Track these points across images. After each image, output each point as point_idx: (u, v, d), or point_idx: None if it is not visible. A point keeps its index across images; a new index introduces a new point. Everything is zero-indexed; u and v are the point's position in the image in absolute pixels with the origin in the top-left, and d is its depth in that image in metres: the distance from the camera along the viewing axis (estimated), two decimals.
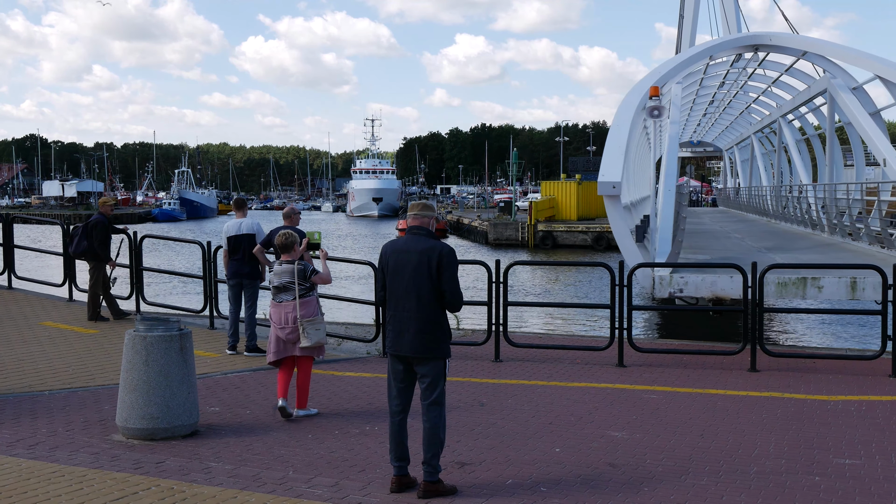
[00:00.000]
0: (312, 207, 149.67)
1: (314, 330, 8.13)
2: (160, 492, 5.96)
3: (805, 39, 25.27)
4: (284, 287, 8.18)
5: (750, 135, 42.29)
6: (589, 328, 21.78)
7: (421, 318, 5.88)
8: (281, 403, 8.07)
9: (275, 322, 8.21)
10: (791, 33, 27.36)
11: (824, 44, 24.53)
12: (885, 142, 19.82)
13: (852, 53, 22.50)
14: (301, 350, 8.18)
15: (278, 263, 8.30)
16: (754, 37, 24.42)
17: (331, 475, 6.38)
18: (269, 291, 8.52)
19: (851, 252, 17.81)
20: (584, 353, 11.76)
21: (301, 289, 8.17)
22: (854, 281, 12.22)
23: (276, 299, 8.24)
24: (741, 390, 9.46)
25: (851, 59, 21.90)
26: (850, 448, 7.16)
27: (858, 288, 12.18)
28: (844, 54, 22.57)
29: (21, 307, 14.29)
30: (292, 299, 8.14)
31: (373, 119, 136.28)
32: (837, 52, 22.74)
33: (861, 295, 12.22)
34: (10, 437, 7.33)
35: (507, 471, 6.51)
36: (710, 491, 6.05)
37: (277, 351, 8.24)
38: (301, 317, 8.10)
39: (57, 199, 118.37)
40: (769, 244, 20.60)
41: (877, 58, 20.94)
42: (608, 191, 13.54)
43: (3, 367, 10.04)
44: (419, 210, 6.06)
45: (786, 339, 20.29)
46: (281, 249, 8.30)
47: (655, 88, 13.88)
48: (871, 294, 12.11)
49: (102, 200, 14.04)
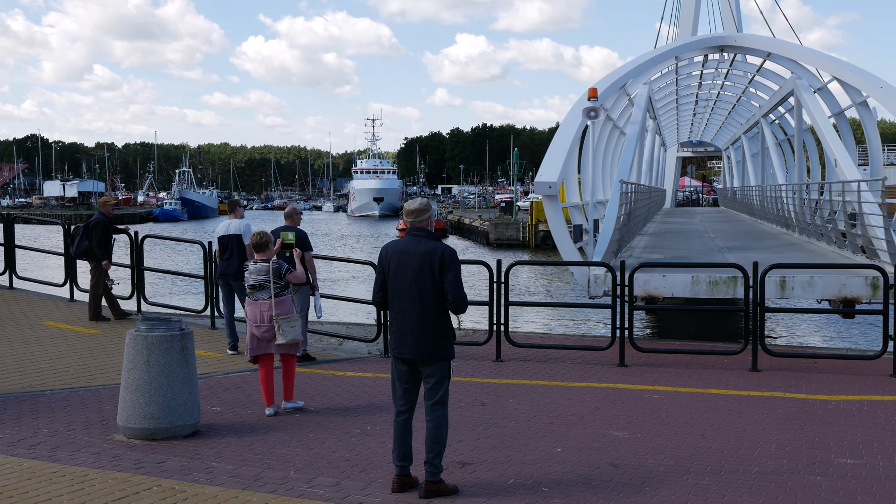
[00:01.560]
0: (313, 207, 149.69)
1: (290, 327, 8.29)
2: (161, 492, 5.96)
3: (769, 41, 25.31)
4: (260, 286, 8.32)
5: (740, 135, 42.43)
6: (590, 328, 21.78)
7: (424, 320, 5.87)
8: (269, 412, 8.25)
9: (251, 320, 8.35)
10: (756, 34, 27.34)
11: (786, 45, 24.79)
12: (838, 144, 19.96)
13: (811, 54, 22.68)
14: (277, 347, 8.33)
15: (253, 262, 8.44)
16: (719, 38, 24.46)
17: (332, 475, 6.37)
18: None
19: (807, 252, 18.00)
20: (585, 353, 11.76)
21: (276, 287, 8.32)
22: (783, 280, 12.47)
23: (251, 297, 8.37)
24: (742, 390, 9.45)
25: (811, 61, 22.03)
26: (852, 448, 7.15)
27: (788, 287, 12.49)
28: (805, 55, 22.71)
29: (22, 307, 14.29)
30: (268, 298, 8.29)
31: (374, 119, 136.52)
32: (799, 54, 22.90)
33: (790, 294, 12.55)
34: (12, 436, 7.33)
35: (508, 470, 6.51)
36: (712, 491, 6.05)
37: (254, 348, 8.38)
38: (277, 315, 8.25)
39: (58, 200, 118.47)
40: (734, 244, 20.70)
41: (834, 59, 21.14)
42: (544, 191, 13.93)
43: (4, 367, 10.05)
44: (417, 211, 6.03)
45: (778, 336, 20.28)
46: (255, 249, 8.44)
47: (593, 90, 14.28)
48: (799, 293, 12.46)
49: (103, 200, 14.01)
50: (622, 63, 27.05)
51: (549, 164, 14.79)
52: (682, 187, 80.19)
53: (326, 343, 12.84)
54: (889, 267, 10.56)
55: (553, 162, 14.83)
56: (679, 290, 12.71)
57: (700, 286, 12.54)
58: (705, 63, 28.31)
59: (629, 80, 21.22)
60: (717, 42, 24.06)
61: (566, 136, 15.64)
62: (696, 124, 48.86)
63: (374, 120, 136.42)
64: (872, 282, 11.94)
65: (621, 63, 28.12)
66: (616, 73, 20.50)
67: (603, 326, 21.16)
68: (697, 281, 12.55)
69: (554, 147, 15.44)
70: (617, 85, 20.17)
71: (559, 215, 14.35)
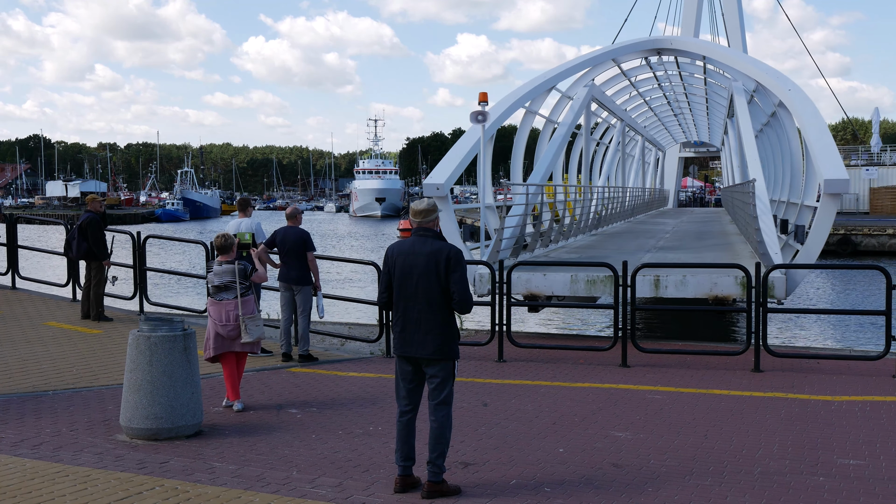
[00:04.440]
0: (315, 208, 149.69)
1: (255, 326, 8.54)
2: (164, 492, 5.96)
3: (703, 44, 25.46)
4: (225, 286, 8.53)
5: (722, 135, 42.63)
6: (592, 328, 21.77)
7: (429, 320, 5.88)
8: (236, 406, 8.40)
9: (215, 319, 8.49)
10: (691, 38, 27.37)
11: (716, 48, 25.11)
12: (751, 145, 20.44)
13: (739, 59, 22.83)
14: (241, 346, 8.52)
15: (217, 263, 8.64)
16: (656, 41, 24.48)
17: (334, 475, 6.38)
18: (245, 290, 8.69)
19: (733, 252, 18.23)
20: (587, 354, 11.77)
21: (241, 287, 8.54)
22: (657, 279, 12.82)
23: (216, 297, 8.55)
24: (745, 391, 9.45)
25: (739, 65, 22.15)
26: (855, 448, 7.15)
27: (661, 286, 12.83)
28: (729, 57, 22.84)
29: (25, 307, 14.31)
30: (233, 298, 8.50)
31: (375, 119, 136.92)
32: (729, 58, 23.05)
33: (665, 292, 12.89)
34: (15, 436, 7.34)
35: (510, 471, 6.51)
36: (714, 491, 6.05)
37: (216, 347, 8.51)
38: (243, 314, 8.47)
39: (60, 200, 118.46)
40: (674, 244, 20.92)
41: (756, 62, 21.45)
42: (432, 192, 14.47)
43: (7, 368, 10.06)
44: (425, 212, 6.03)
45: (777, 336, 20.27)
46: (219, 251, 8.66)
47: (484, 94, 14.54)
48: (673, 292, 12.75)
49: (90, 198, 13.72)
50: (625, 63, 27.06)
51: (441, 167, 15.34)
52: (685, 187, 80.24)
53: (329, 343, 12.86)
54: (753, 267, 11.01)
55: (446, 165, 15.32)
56: (559, 289, 13.19)
57: (578, 285, 12.94)
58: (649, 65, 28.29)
59: (559, 82, 21.24)
60: (654, 45, 24.16)
61: (464, 143, 16.03)
62: (699, 124, 48.84)
63: (376, 120, 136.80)
64: (741, 281, 12.04)
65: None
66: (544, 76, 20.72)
67: (606, 327, 21.17)
68: (576, 280, 12.94)
69: (453, 151, 15.94)
70: (544, 87, 20.29)
71: (450, 216, 14.87)
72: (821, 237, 13.81)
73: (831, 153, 14.03)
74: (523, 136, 22.21)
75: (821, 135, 14.90)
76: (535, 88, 19.72)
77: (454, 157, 15.54)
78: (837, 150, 14.31)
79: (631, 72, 28.00)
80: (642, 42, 24.51)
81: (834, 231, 40.66)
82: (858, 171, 57.46)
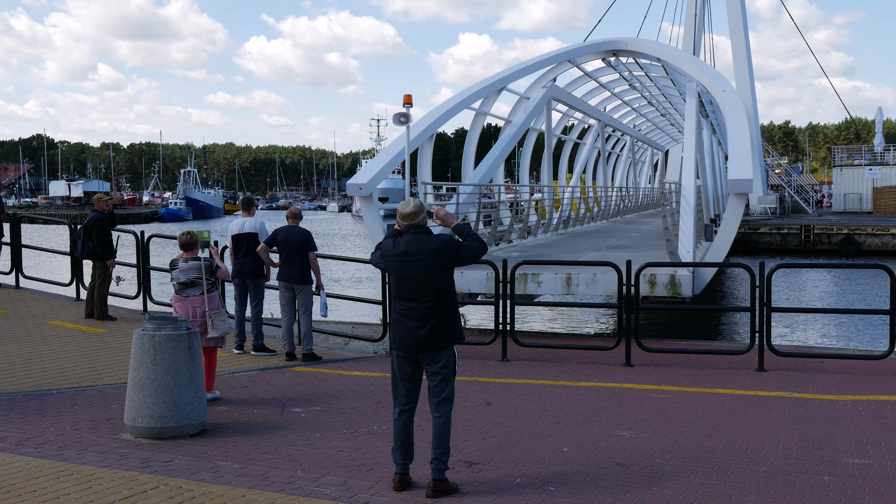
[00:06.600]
0: (318, 207, 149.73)
1: (221, 321, 8.72)
2: (168, 490, 5.97)
3: (657, 45, 25.48)
4: (192, 283, 8.70)
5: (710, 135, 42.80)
6: (596, 327, 21.76)
7: (429, 315, 5.89)
8: (209, 396, 8.54)
9: (181, 315, 8.55)
10: (645, 39, 27.40)
11: (668, 49, 25.18)
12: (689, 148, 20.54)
13: (686, 60, 22.98)
14: (208, 341, 8.66)
15: (183, 260, 8.79)
16: (612, 42, 24.55)
17: (339, 474, 6.38)
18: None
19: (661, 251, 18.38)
20: (591, 353, 11.77)
21: (207, 283, 8.71)
22: (569, 277, 13.36)
23: (182, 294, 8.72)
24: (749, 390, 9.44)
25: (686, 66, 22.29)
26: (859, 447, 7.14)
27: (573, 283, 13.35)
28: (682, 60, 22.93)
29: (29, 306, 14.32)
30: (199, 294, 8.70)
31: (378, 119, 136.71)
32: (678, 59, 23.17)
33: (575, 290, 13.35)
34: (19, 435, 7.35)
35: (515, 470, 6.51)
36: (719, 490, 6.04)
37: None
38: (209, 310, 8.66)
39: (63, 199, 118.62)
40: (628, 244, 21.16)
41: (703, 66, 21.74)
42: (355, 192, 14.94)
43: (11, 366, 10.07)
44: (413, 214, 6.02)
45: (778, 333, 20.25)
46: (183, 248, 8.83)
47: (408, 96, 14.68)
48: (584, 290, 13.27)
49: (97, 197, 13.78)
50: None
51: (366, 168, 15.63)
52: None
53: (332, 342, 12.86)
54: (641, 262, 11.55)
55: (373, 166, 15.60)
56: (475, 287, 13.67)
57: (492, 283, 13.08)
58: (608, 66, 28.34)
59: (510, 83, 21.32)
60: (610, 46, 24.23)
61: (396, 146, 16.22)
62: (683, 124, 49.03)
63: (379, 119, 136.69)
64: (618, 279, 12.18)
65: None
66: (494, 77, 20.85)
67: (608, 326, 21.17)
68: (490, 278, 13.07)
69: (382, 153, 16.20)
70: (494, 87, 20.38)
71: (373, 215, 15.25)
72: (728, 235, 14.45)
73: (742, 154, 14.48)
74: (474, 137, 22.27)
75: (736, 136, 15.35)
76: (483, 89, 19.85)
77: (382, 158, 15.87)
78: (749, 152, 14.80)
79: (597, 73, 28.17)
80: (598, 44, 24.68)
81: (837, 231, 40.62)
82: (862, 171, 57.40)
